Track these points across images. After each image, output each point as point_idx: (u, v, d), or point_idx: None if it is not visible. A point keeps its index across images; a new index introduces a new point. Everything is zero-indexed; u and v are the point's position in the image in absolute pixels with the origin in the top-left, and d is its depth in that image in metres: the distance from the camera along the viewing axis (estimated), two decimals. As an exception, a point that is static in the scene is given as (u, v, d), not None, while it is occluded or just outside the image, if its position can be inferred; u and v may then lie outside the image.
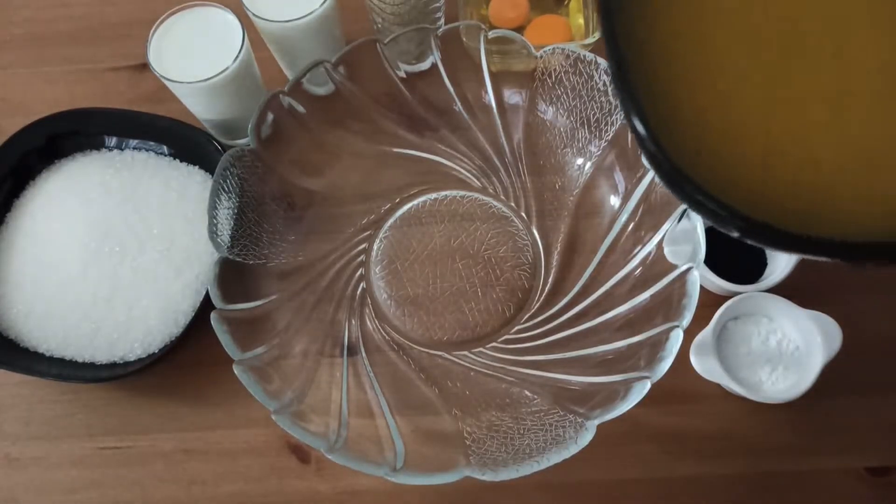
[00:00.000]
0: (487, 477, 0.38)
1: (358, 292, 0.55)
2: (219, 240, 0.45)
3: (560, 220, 0.55)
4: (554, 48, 0.48)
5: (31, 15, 0.69)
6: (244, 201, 0.48)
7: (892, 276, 0.54)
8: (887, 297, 0.53)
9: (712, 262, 0.51)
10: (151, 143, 0.59)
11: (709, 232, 0.43)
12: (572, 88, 0.50)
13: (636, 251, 0.48)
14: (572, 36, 0.60)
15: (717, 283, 0.50)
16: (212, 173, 0.56)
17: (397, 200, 0.57)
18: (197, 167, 0.58)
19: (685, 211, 0.42)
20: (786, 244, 0.21)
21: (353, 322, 0.53)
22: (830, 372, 0.46)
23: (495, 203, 0.56)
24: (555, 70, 0.50)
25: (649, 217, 0.48)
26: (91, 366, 0.52)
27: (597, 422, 0.39)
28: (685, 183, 0.22)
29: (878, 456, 0.49)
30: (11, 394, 0.54)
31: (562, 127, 0.53)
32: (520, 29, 0.61)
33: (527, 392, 0.48)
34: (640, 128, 0.22)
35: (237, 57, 0.50)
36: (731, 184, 0.22)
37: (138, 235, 0.53)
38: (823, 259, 0.21)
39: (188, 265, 0.53)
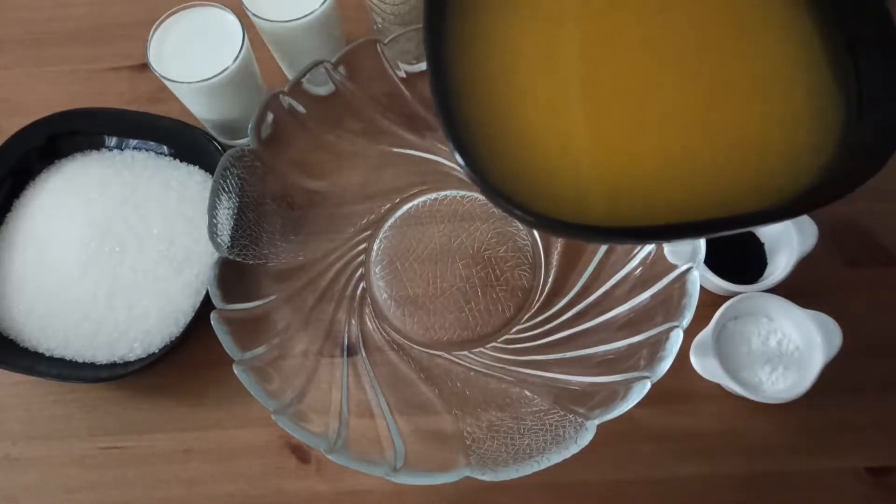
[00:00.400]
0: (487, 477, 0.38)
1: (358, 292, 0.55)
2: (219, 240, 0.45)
3: (560, 219, 0.54)
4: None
5: (31, 15, 0.69)
6: (244, 201, 0.48)
7: (892, 276, 0.54)
8: (887, 297, 0.53)
9: (712, 262, 0.51)
10: (151, 143, 0.59)
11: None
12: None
13: (636, 251, 0.48)
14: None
15: (717, 283, 0.50)
16: (212, 173, 0.56)
17: (397, 200, 0.57)
18: (197, 167, 0.58)
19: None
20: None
21: (353, 322, 0.53)
22: (830, 372, 0.46)
23: (495, 203, 0.56)
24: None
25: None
26: (91, 366, 0.52)
27: (597, 422, 0.39)
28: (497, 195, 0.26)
29: (878, 456, 0.49)
30: (11, 394, 0.54)
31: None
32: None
33: (527, 392, 0.47)
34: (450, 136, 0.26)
35: (237, 57, 0.50)
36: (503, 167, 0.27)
37: (138, 235, 0.53)
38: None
39: (188, 265, 0.53)
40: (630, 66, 0.28)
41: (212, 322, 0.42)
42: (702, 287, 0.48)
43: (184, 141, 0.57)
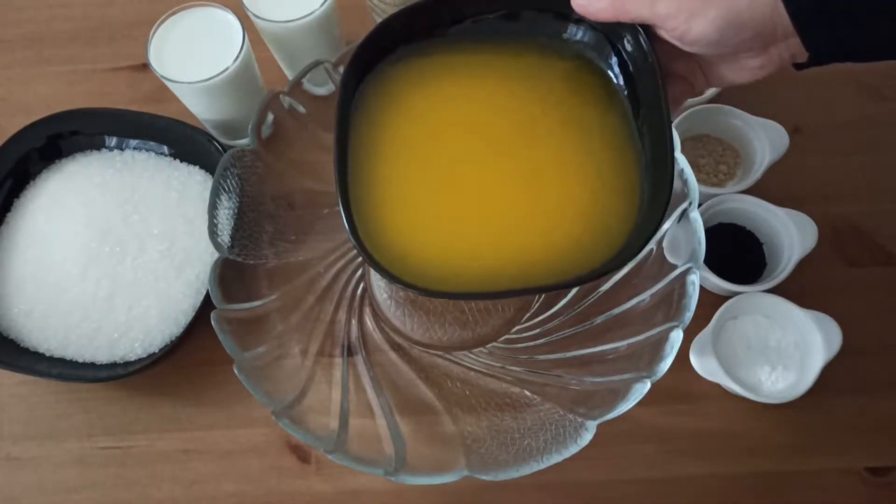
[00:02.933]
0: (487, 477, 0.38)
1: (358, 292, 0.55)
2: (219, 240, 0.45)
3: (560, 220, 0.54)
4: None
5: (31, 15, 0.69)
6: (244, 201, 0.48)
7: (892, 276, 0.54)
8: (887, 297, 0.53)
9: (712, 262, 0.51)
10: (152, 143, 0.59)
11: (709, 232, 0.43)
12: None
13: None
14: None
15: (717, 283, 0.50)
16: (212, 173, 0.56)
17: (397, 200, 0.57)
18: (197, 167, 0.58)
19: (685, 211, 0.42)
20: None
21: (353, 322, 0.53)
22: (830, 372, 0.46)
23: (495, 203, 0.56)
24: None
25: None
26: (91, 366, 0.52)
27: (597, 422, 0.39)
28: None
29: (878, 456, 0.49)
30: (12, 394, 0.54)
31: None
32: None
33: (527, 392, 0.48)
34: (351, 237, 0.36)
35: (237, 57, 0.50)
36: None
37: (138, 235, 0.53)
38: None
39: (188, 265, 0.53)
40: (479, 178, 0.36)
41: (212, 322, 0.42)
42: (701, 287, 0.48)
43: (184, 141, 0.57)
